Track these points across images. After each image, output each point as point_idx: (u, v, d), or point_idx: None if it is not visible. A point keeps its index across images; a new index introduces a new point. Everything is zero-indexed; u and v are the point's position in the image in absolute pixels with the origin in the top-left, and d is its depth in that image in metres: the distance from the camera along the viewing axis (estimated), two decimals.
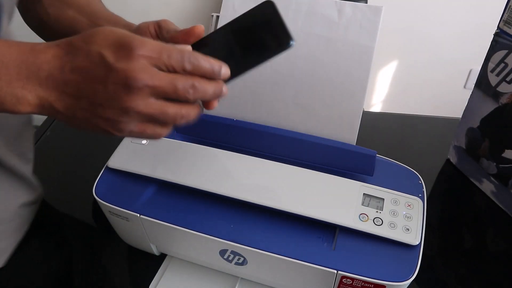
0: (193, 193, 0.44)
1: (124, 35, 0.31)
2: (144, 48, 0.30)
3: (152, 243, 0.48)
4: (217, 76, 0.34)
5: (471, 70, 1.77)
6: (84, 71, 0.31)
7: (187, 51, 0.32)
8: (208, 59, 0.33)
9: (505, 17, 0.54)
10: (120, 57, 0.30)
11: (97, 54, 0.30)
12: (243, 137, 0.49)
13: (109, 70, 0.30)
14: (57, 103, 0.32)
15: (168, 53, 0.31)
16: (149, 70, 0.30)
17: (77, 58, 0.31)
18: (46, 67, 0.31)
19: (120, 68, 0.30)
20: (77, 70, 0.31)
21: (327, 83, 0.49)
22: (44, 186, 0.55)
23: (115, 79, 0.30)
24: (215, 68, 0.33)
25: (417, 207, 0.43)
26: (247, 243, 0.40)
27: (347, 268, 0.38)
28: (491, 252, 0.55)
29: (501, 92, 0.56)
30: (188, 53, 0.32)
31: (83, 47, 0.31)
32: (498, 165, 0.58)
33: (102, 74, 0.30)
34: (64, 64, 0.31)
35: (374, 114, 0.88)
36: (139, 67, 0.30)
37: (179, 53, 0.31)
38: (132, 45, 0.30)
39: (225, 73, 0.34)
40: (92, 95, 0.31)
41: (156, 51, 0.31)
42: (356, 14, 0.48)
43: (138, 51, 0.30)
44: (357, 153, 0.46)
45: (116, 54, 0.30)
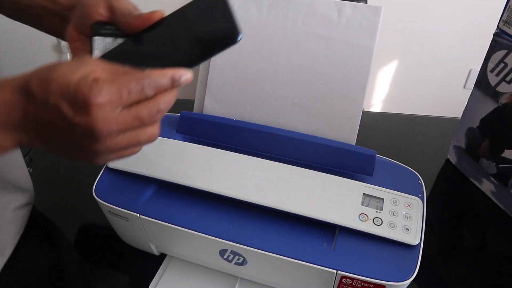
0: (193, 193, 0.44)
1: (78, 85, 0.29)
2: (100, 96, 0.28)
3: (152, 243, 0.48)
4: (179, 85, 0.32)
5: (471, 70, 1.77)
6: (47, 122, 0.30)
7: (145, 77, 0.30)
8: (165, 73, 0.31)
9: (505, 17, 0.54)
10: (77, 110, 0.29)
11: (55, 107, 0.29)
12: (243, 137, 0.49)
13: (71, 124, 0.29)
14: (34, 143, 0.32)
15: (127, 90, 0.29)
16: (110, 116, 0.29)
17: (37, 108, 0.30)
18: (14, 115, 0.30)
19: (80, 122, 0.29)
20: (40, 120, 0.30)
21: (327, 83, 0.49)
22: (44, 186, 0.55)
23: (79, 131, 0.29)
24: (175, 82, 0.31)
25: (417, 207, 0.43)
26: (247, 243, 0.40)
27: (347, 268, 0.38)
28: (491, 252, 0.55)
29: (500, 92, 0.56)
30: (147, 80, 0.30)
31: (41, 98, 0.29)
32: (498, 165, 0.58)
33: (65, 126, 0.29)
34: (27, 113, 0.30)
35: (374, 114, 0.88)
36: (99, 118, 0.29)
37: (138, 85, 0.30)
38: (88, 96, 0.28)
39: (186, 79, 0.32)
40: (62, 142, 0.31)
41: (114, 93, 0.29)
42: (356, 14, 0.48)
43: (95, 100, 0.28)
44: (356, 153, 0.46)
45: (73, 108, 0.29)
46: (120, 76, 0.30)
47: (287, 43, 0.50)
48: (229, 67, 0.51)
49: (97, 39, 0.36)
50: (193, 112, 0.53)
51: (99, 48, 0.36)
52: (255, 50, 0.50)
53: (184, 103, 0.48)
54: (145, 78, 0.30)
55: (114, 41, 0.37)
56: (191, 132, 0.51)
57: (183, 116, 0.51)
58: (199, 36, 0.33)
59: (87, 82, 0.29)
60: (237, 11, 0.51)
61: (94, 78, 0.29)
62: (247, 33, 0.51)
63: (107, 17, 0.37)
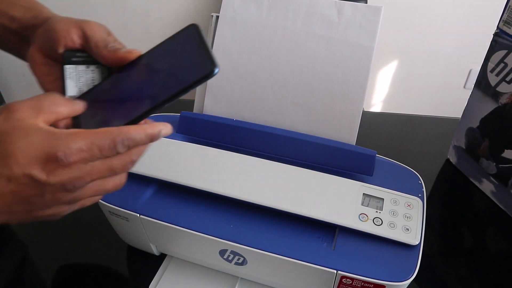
0: (193, 193, 0.44)
1: (47, 146, 0.27)
2: (72, 154, 0.27)
3: (152, 243, 0.48)
4: (157, 139, 0.32)
5: (471, 70, 1.77)
6: (12, 194, 0.28)
7: (118, 134, 0.29)
8: (143, 130, 0.30)
9: (505, 17, 0.54)
10: (50, 172, 0.27)
11: (23, 176, 0.27)
12: (243, 137, 0.49)
13: (43, 186, 0.28)
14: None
15: (99, 148, 0.28)
16: (84, 170, 0.28)
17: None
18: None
19: (54, 182, 0.28)
20: (2, 195, 0.28)
21: (327, 83, 0.49)
22: None
23: (51, 190, 0.28)
24: (153, 137, 0.31)
25: (417, 207, 0.43)
26: (247, 243, 0.40)
27: (347, 268, 0.38)
28: (491, 252, 0.55)
29: (500, 92, 0.56)
30: (120, 137, 0.29)
31: (1, 172, 0.27)
32: (497, 165, 0.58)
33: (35, 192, 0.28)
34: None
35: (374, 114, 0.88)
36: (73, 174, 0.28)
37: (110, 142, 0.29)
38: (59, 155, 0.27)
39: (165, 133, 0.32)
40: (28, 207, 0.29)
41: (86, 150, 0.28)
42: (356, 14, 0.48)
43: (68, 159, 0.27)
44: (356, 153, 0.46)
45: (46, 170, 0.27)
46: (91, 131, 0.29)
47: (287, 43, 0.50)
48: (229, 67, 0.51)
49: (68, 68, 0.35)
50: (193, 112, 0.53)
51: (71, 77, 0.35)
52: (255, 50, 0.51)
53: (184, 103, 0.48)
54: (120, 135, 0.29)
55: (87, 69, 0.35)
56: (191, 132, 0.51)
57: (183, 116, 0.51)
58: (176, 74, 0.32)
59: (53, 140, 0.27)
60: (237, 11, 0.51)
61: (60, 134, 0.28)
62: (247, 33, 0.51)
63: (79, 45, 0.35)
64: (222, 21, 0.51)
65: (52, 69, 0.36)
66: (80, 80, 0.35)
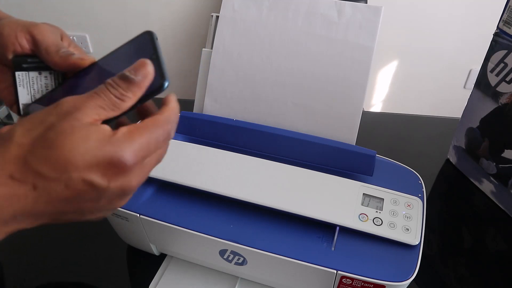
0: (193, 193, 0.44)
1: (108, 151, 0.25)
2: (135, 156, 0.26)
3: (152, 243, 0.48)
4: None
5: (471, 70, 1.77)
6: (67, 200, 0.26)
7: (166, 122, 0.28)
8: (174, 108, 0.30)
9: (505, 17, 0.54)
10: (112, 177, 0.26)
11: (81, 182, 0.25)
12: (243, 137, 0.49)
13: (102, 191, 0.26)
14: (32, 225, 0.28)
15: (155, 140, 0.28)
16: (142, 170, 0.28)
17: (53, 190, 0.25)
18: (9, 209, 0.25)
19: (115, 187, 0.26)
20: (56, 201, 0.26)
21: (327, 83, 0.49)
22: None
23: (109, 196, 0.27)
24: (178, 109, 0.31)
25: (417, 207, 0.43)
26: (247, 243, 0.40)
27: (346, 268, 0.38)
28: (491, 252, 0.55)
29: (500, 92, 0.56)
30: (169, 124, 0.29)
31: (57, 177, 0.25)
32: (497, 165, 0.59)
33: (92, 196, 0.26)
34: (37, 199, 0.25)
35: (374, 114, 0.88)
36: (133, 176, 0.27)
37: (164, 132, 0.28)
38: (122, 160, 0.26)
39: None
40: (80, 211, 0.27)
41: (145, 147, 0.27)
42: (356, 14, 0.48)
43: (131, 163, 0.26)
44: (356, 153, 0.46)
45: (108, 176, 0.26)
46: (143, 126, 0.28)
47: (287, 43, 0.50)
48: (229, 67, 0.51)
49: (19, 74, 0.33)
50: (193, 112, 0.53)
51: (22, 85, 0.33)
52: (255, 50, 0.51)
53: (184, 103, 0.48)
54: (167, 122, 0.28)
55: (40, 75, 0.33)
56: (191, 132, 0.51)
57: (183, 116, 0.51)
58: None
59: (116, 145, 0.26)
60: (237, 11, 0.51)
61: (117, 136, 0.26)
62: (247, 33, 0.51)
63: (29, 50, 0.33)
64: (222, 21, 0.51)
65: (5, 76, 0.34)
66: (33, 87, 0.33)
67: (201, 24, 1.72)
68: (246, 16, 0.51)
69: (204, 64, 0.52)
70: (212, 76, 0.52)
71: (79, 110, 0.26)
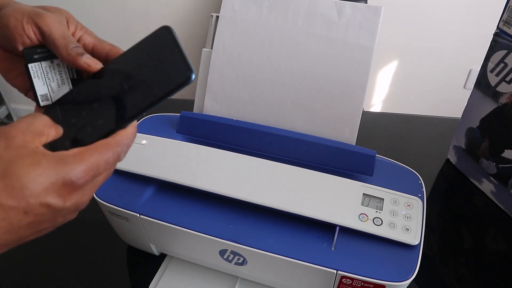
0: (193, 193, 0.44)
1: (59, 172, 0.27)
2: (85, 176, 0.28)
3: (152, 243, 0.48)
4: None
5: (471, 70, 1.77)
6: (28, 226, 0.27)
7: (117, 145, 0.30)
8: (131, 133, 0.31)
9: (505, 17, 0.54)
10: (67, 196, 0.27)
11: (39, 206, 0.26)
12: (243, 137, 0.49)
13: (59, 211, 0.27)
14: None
15: (105, 161, 0.29)
16: (93, 185, 0.29)
17: (13, 219, 0.26)
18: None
19: (70, 204, 0.28)
20: (17, 228, 0.26)
21: (327, 83, 0.49)
22: None
23: (65, 213, 0.28)
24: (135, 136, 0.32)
25: (417, 207, 0.43)
26: (247, 243, 0.40)
27: (346, 268, 0.38)
28: (491, 252, 0.55)
29: (500, 92, 0.56)
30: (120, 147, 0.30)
31: (16, 205, 0.25)
32: (497, 165, 0.58)
33: (50, 217, 0.28)
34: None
35: (374, 114, 0.88)
36: (86, 192, 0.29)
37: (114, 154, 0.30)
38: (74, 180, 0.27)
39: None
40: (37, 232, 0.29)
41: (95, 167, 0.28)
42: (356, 14, 0.48)
43: (81, 181, 0.27)
44: (356, 153, 0.46)
45: (63, 196, 0.27)
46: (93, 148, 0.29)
47: (287, 43, 0.50)
48: (229, 67, 0.51)
49: (32, 66, 0.33)
50: (193, 112, 0.53)
51: (37, 76, 0.33)
52: (255, 50, 0.51)
53: (184, 103, 0.48)
54: (119, 146, 0.30)
55: (52, 64, 0.34)
56: (191, 132, 0.51)
57: (183, 116, 0.51)
58: (153, 82, 0.31)
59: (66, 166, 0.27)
60: (237, 11, 0.51)
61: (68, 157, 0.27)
62: (247, 33, 0.51)
63: (37, 42, 0.33)
64: (222, 21, 0.51)
65: (15, 64, 0.35)
66: (48, 77, 0.34)
67: (201, 24, 1.72)
68: (246, 16, 0.51)
69: (204, 64, 0.52)
70: (212, 76, 0.52)
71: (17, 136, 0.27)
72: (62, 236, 0.55)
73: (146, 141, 0.48)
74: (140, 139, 0.49)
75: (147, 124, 0.52)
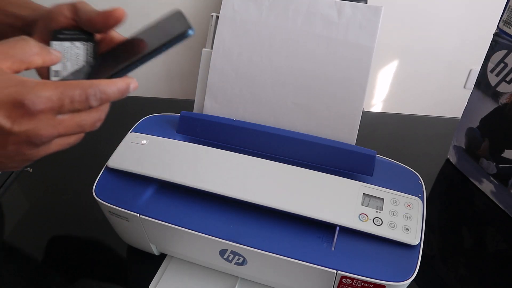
0: (193, 193, 0.44)
1: (13, 92, 0.26)
2: (40, 102, 0.26)
3: (152, 243, 0.48)
4: (127, 94, 0.31)
5: (471, 70, 1.77)
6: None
7: (90, 86, 0.28)
8: (113, 83, 0.30)
9: (505, 17, 0.54)
10: (16, 119, 0.26)
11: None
12: (243, 137, 0.49)
13: (7, 135, 0.26)
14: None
15: (70, 98, 0.27)
16: (52, 123, 0.27)
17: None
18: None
19: (19, 131, 0.26)
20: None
21: (327, 83, 0.49)
22: (44, 186, 0.55)
23: (15, 141, 0.27)
24: (123, 91, 0.30)
25: (417, 207, 0.43)
26: (247, 243, 0.40)
27: (346, 268, 0.38)
28: (491, 252, 0.55)
29: (500, 92, 0.56)
30: (93, 89, 0.28)
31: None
32: (497, 165, 0.58)
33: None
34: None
35: (374, 114, 0.88)
36: (41, 125, 0.27)
37: (82, 94, 0.28)
38: (27, 102, 0.26)
39: (134, 87, 0.31)
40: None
41: (56, 100, 0.27)
42: (356, 14, 0.48)
43: (36, 107, 0.26)
44: (356, 153, 0.46)
45: (11, 118, 0.26)
46: (61, 82, 0.28)
47: (287, 43, 0.50)
48: (229, 67, 0.51)
49: (54, 44, 0.36)
50: (193, 112, 0.53)
51: None
52: (255, 50, 0.51)
53: (184, 103, 0.48)
54: (91, 87, 0.28)
55: (72, 45, 0.37)
56: (191, 132, 0.51)
57: (183, 116, 0.51)
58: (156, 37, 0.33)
59: (22, 87, 0.26)
60: (237, 11, 0.51)
61: (27, 82, 0.27)
62: (247, 33, 0.51)
63: (71, 18, 0.37)
64: (222, 21, 0.51)
65: None
66: (65, 56, 0.36)
67: (201, 24, 1.71)
68: (246, 16, 0.51)
69: (204, 64, 0.52)
70: (212, 76, 0.52)
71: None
72: (62, 235, 0.55)
73: (146, 141, 0.48)
74: (140, 139, 0.49)
75: (147, 124, 0.53)
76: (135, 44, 0.35)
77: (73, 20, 0.37)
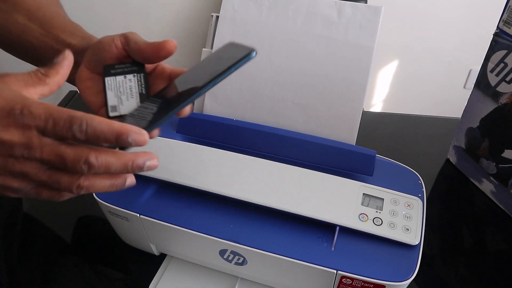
0: (193, 193, 0.44)
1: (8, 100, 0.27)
2: (27, 115, 0.27)
3: (152, 243, 0.48)
4: (126, 143, 0.29)
5: (471, 70, 1.77)
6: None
7: (80, 117, 0.27)
8: (108, 122, 0.28)
9: (505, 17, 0.54)
10: (3, 126, 0.27)
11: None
12: (243, 137, 0.49)
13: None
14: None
15: (54, 120, 0.27)
16: (35, 142, 0.28)
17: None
18: None
19: (3, 139, 0.27)
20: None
21: (327, 83, 0.49)
22: None
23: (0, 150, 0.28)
24: (120, 137, 0.28)
25: (417, 207, 0.43)
26: (247, 243, 0.40)
27: (346, 268, 0.38)
28: (491, 252, 0.55)
29: (500, 92, 0.56)
30: (80, 119, 0.27)
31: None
32: (497, 165, 0.58)
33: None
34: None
35: (374, 114, 0.88)
36: (24, 140, 0.27)
37: (67, 119, 0.27)
38: (15, 108, 0.27)
39: (136, 139, 0.29)
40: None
41: (43, 118, 0.27)
42: (356, 14, 0.48)
43: (22, 118, 0.27)
44: (356, 153, 0.46)
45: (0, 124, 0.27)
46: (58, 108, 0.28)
47: (287, 43, 0.50)
48: None
49: (108, 79, 0.38)
50: (193, 112, 0.53)
51: (111, 88, 0.38)
52: None
53: None
54: (80, 117, 0.27)
55: (125, 79, 0.38)
56: (191, 132, 0.51)
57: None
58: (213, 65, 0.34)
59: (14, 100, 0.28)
60: (237, 11, 0.51)
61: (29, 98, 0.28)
62: (247, 33, 0.51)
63: (121, 48, 0.38)
64: (222, 21, 0.51)
65: (96, 83, 0.39)
66: (119, 90, 0.38)
67: (201, 24, 1.71)
68: (246, 16, 0.51)
69: None
70: None
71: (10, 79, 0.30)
72: (62, 235, 0.55)
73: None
74: None
75: None
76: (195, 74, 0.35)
77: (124, 51, 0.38)
